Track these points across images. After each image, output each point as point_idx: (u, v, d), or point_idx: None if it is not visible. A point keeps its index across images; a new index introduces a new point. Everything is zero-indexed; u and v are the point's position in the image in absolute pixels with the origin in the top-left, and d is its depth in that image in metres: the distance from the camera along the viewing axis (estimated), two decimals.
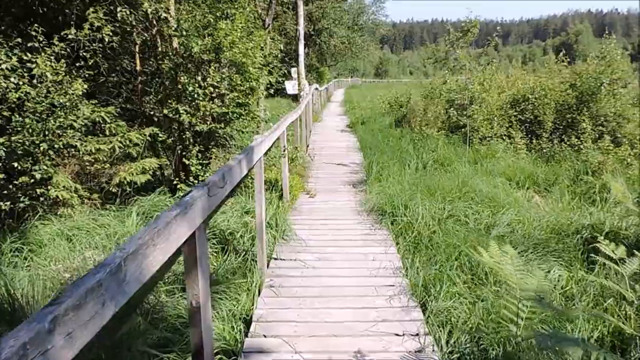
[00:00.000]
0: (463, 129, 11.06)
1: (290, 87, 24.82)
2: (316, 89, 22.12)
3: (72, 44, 5.84)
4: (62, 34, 5.71)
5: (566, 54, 14.13)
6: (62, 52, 5.59)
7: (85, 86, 5.62)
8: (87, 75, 5.84)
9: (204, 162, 6.42)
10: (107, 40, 5.86)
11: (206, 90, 6.19)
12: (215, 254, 5.10)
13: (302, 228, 6.49)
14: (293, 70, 24.69)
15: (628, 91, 10.62)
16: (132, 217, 5.64)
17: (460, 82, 10.69)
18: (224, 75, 6.38)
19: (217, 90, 6.38)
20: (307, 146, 13.19)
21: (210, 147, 6.53)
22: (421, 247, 5.56)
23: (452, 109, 10.37)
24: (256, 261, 4.93)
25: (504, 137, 10.00)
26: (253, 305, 4.28)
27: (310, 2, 32.91)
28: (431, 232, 5.86)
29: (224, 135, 6.50)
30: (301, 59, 22.42)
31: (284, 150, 7.28)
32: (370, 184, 8.29)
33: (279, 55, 11.41)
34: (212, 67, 6.26)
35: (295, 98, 22.91)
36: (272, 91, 36.14)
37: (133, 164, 6.19)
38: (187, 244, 2.24)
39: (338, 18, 34.69)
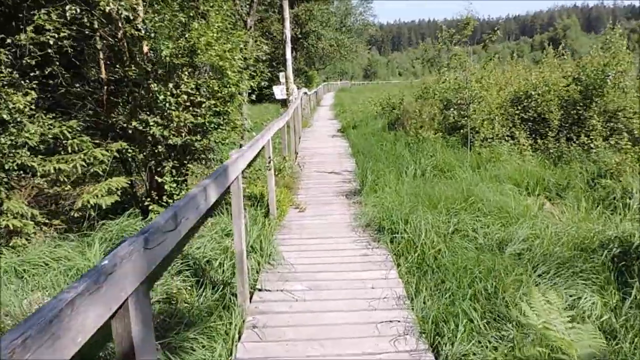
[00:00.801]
0: (462, 131, 10.40)
1: (279, 92, 24.14)
2: (305, 93, 21.46)
3: (14, 50, 5.10)
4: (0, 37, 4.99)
5: (555, 49, 13.50)
6: (5, 59, 4.86)
7: (29, 98, 4.88)
8: (34, 86, 5.11)
9: (179, 179, 5.70)
10: (52, 43, 5.12)
11: (179, 99, 5.49)
12: (189, 289, 4.38)
13: (290, 250, 5.79)
14: (281, 74, 24.01)
15: (633, 83, 10.00)
16: (95, 247, 4.92)
17: (460, 79, 10.03)
18: (199, 81, 5.68)
19: (192, 98, 5.68)
20: (297, 154, 12.50)
21: (186, 162, 5.81)
22: (426, 270, 4.87)
23: (451, 109, 9.71)
24: (237, 295, 4.23)
25: (507, 138, 9.35)
26: (231, 355, 3.57)
27: (296, 4, 32.26)
28: (436, 251, 5.18)
29: (201, 149, 5.79)
30: (289, 62, 21.73)
31: (270, 162, 6.57)
32: (365, 194, 7.60)
33: (264, 57, 10.74)
34: (185, 73, 5.56)
35: (284, 103, 22.19)
36: (257, 97, 35.48)
37: (98, 184, 5.47)
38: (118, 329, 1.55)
39: (325, 20, 34.05)
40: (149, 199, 5.66)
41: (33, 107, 5.09)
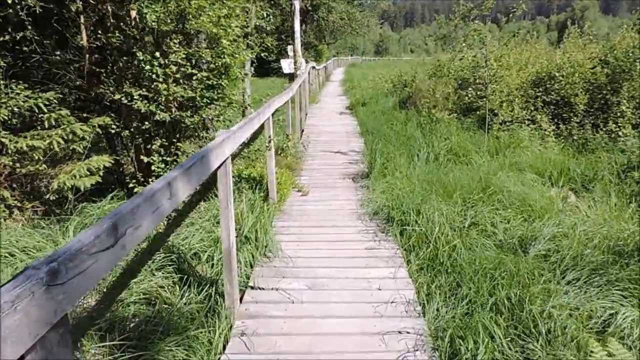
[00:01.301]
0: (478, 112, 9.75)
1: (286, 65, 23.38)
2: (313, 67, 20.75)
3: None
4: None
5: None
6: None
7: None
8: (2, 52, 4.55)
9: (168, 158, 5.15)
10: (10, 2, 4.51)
11: (168, 70, 4.90)
12: (172, 287, 3.87)
13: (289, 240, 5.27)
14: (289, 47, 23.26)
15: None
16: (69, 235, 4.41)
17: (479, 57, 9.34)
18: (190, 51, 5.08)
19: (182, 69, 5.09)
20: (302, 131, 11.91)
21: (175, 140, 5.26)
22: (440, 269, 4.34)
23: (469, 89, 9.04)
24: (225, 296, 3.72)
25: (526, 122, 8.70)
26: None
27: None
28: (451, 248, 4.63)
29: (193, 126, 5.21)
30: (297, 35, 20.98)
31: (270, 142, 6.01)
32: (373, 179, 7.04)
33: (268, 28, 10.08)
34: (175, 41, 4.96)
35: (292, 77, 21.49)
36: (264, 70, 34.65)
37: (78, 163, 4.93)
38: None
39: None
40: (134, 181, 5.12)
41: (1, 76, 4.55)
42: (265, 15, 9.66)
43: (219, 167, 3.35)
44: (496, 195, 5.71)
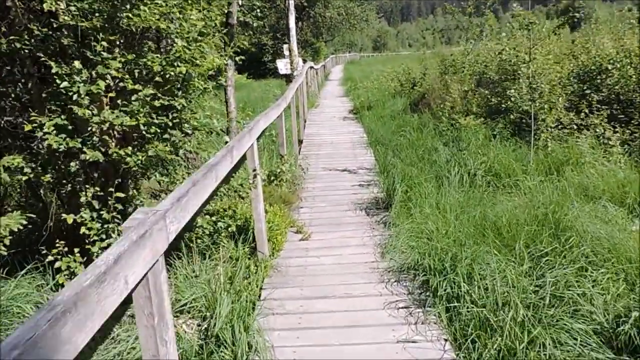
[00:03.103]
0: (510, 116, 8.07)
1: (282, 66, 21.85)
2: (311, 67, 19.12)
3: None
4: None
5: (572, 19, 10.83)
6: None
7: None
8: None
9: (108, 214, 3.50)
10: None
11: (94, 87, 3.26)
12: None
13: (284, 326, 3.63)
14: (285, 47, 21.68)
15: None
16: None
17: (522, 48, 7.57)
18: (128, 57, 3.43)
19: (120, 84, 3.46)
20: (301, 142, 10.27)
21: (121, 187, 3.60)
22: None
23: (512, 90, 7.34)
24: None
25: (576, 127, 7.01)
26: None
27: None
28: (529, 343, 3.01)
29: (141, 168, 3.55)
30: (292, 32, 19.37)
31: (255, 177, 4.37)
32: (395, 214, 5.39)
33: (255, 23, 8.43)
34: (102, 44, 3.31)
35: (289, 78, 19.84)
36: (260, 72, 32.91)
37: None
38: None
39: None
40: (56, 249, 3.48)
41: None
42: (252, 8, 8.00)
43: (139, 282, 1.71)
44: (575, 242, 4.05)
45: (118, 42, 3.66)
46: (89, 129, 3.46)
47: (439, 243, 4.28)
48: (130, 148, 3.47)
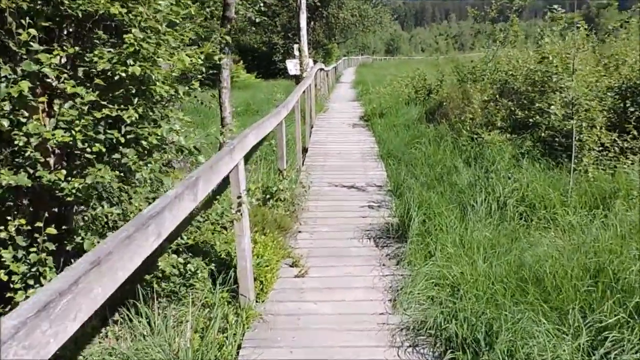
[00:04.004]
0: (541, 133, 7.15)
1: (292, 66, 20.96)
2: (321, 69, 18.23)
3: None
4: None
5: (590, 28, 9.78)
6: None
7: None
8: None
9: (38, 255, 2.64)
10: None
11: (12, 90, 2.38)
12: None
13: None
14: (295, 47, 20.81)
15: None
16: None
17: (559, 56, 6.62)
18: (69, 50, 2.57)
19: (62, 86, 2.60)
20: (305, 151, 9.40)
21: (61, 218, 2.74)
22: None
23: (552, 107, 6.43)
24: None
25: (623, 150, 6.08)
26: None
27: None
28: None
29: (80, 197, 2.66)
30: (303, 32, 18.49)
31: (239, 206, 3.49)
32: (411, 251, 4.49)
33: (258, 18, 7.55)
34: (27, 31, 2.44)
35: (298, 79, 18.98)
36: (270, 72, 32.02)
37: None
38: None
39: None
40: None
41: None
42: (255, 2, 7.12)
43: None
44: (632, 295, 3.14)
45: (63, 32, 2.79)
46: (16, 143, 2.59)
47: (467, 302, 3.38)
48: (63, 171, 2.60)
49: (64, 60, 2.94)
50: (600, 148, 6.31)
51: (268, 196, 5.58)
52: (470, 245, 4.29)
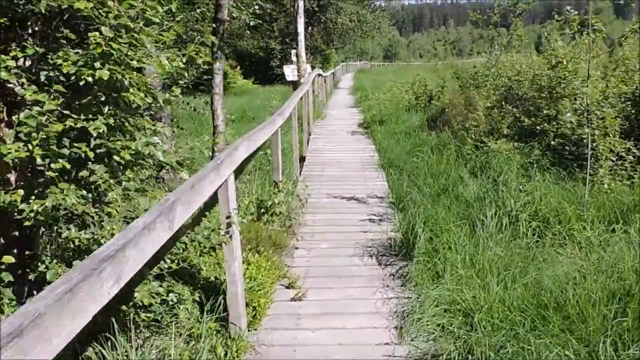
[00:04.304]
0: (551, 142, 6.81)
1: (289, 72, 20.64)
2: (319, 75, 17.91)
3: None
4: None
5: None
6: None
7: None
8: None
9: None
10: None
11: None
12: None
13: None
14: (293, 52, 20.50)
15: None
16: None
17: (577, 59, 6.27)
18: (28, 50, 2.22)
19: (19, 89, 2.23)
20: (303, 160, 9.06)
21: (23, 243, 2.35)
22: None
23: (567, 114, 6.08)
24: None
25: (638, 160, 5.75)
26: None
27: None
28: None
29: (42, 222, 2.27)
30: (301, 37, 18.19)
31: (229, 227, 3.14)
32: (417, 272, 4.13)
33: (252, 20, 7.22)
34: None
35: (295, 85, 18.67)
36: (267, 78, 31.67)
37: None
38: None
39: None
40: None
41: None
42: (249, 4, 6.77)
43: None
44: None
45: (27, 31, 2.44)
46: None
47: (483, 332, 3.02)
48: (20, 191, 2.25)
49: (28, 63, 2.59)
50: (615, 157, 5.97)
51: (263, 210, 5.22)
52: (482, 266, 3.93)
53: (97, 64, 2.32)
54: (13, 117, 2.35)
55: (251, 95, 21.42)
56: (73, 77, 2.33)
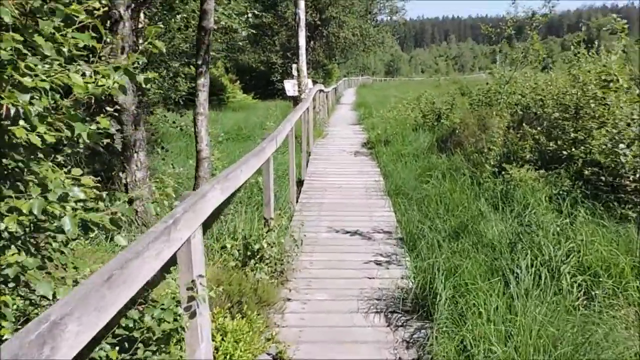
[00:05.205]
0: (573, 166, 5.98)
1: (290, 87, 19.95)
2: (320, 90, 17.15)
3: None
4: None
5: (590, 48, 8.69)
6: None
7: None
8: None
9: None
10: None
11: None
12: None
13: None
14: (294, 67, 19.78)
15: None
16: None
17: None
18: None
19: None
20: (301, 185, 8.23)
21: None
22: None
23: (605, 138, 5.24)
24: None
25: None
26: None
27: None
28: None
29: None
30: (302, 51, 17.44)
31: (191, 301, 2.28)
32: (439, 347, 3.26)
33: (244, 30, 6.43)
34: None
35: (296, 101, 17.89)
36: (268, 93, 30.93)
37: None
38: None
39: (349, 5, 29.29)
40: None
41: None
42: (241, 12, 5.98)
43: None
44: None
45: None
46: None
47: None
48: None
49: None
50: None
51: (249, 253, 4.36)
52: (523, 341, 3.07)
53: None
54: None
55: (249, 111, 20.67)
56: None
